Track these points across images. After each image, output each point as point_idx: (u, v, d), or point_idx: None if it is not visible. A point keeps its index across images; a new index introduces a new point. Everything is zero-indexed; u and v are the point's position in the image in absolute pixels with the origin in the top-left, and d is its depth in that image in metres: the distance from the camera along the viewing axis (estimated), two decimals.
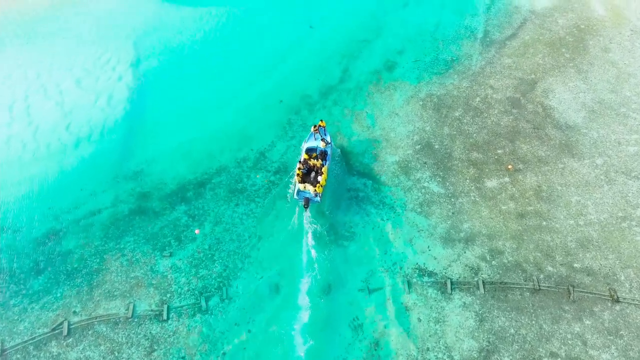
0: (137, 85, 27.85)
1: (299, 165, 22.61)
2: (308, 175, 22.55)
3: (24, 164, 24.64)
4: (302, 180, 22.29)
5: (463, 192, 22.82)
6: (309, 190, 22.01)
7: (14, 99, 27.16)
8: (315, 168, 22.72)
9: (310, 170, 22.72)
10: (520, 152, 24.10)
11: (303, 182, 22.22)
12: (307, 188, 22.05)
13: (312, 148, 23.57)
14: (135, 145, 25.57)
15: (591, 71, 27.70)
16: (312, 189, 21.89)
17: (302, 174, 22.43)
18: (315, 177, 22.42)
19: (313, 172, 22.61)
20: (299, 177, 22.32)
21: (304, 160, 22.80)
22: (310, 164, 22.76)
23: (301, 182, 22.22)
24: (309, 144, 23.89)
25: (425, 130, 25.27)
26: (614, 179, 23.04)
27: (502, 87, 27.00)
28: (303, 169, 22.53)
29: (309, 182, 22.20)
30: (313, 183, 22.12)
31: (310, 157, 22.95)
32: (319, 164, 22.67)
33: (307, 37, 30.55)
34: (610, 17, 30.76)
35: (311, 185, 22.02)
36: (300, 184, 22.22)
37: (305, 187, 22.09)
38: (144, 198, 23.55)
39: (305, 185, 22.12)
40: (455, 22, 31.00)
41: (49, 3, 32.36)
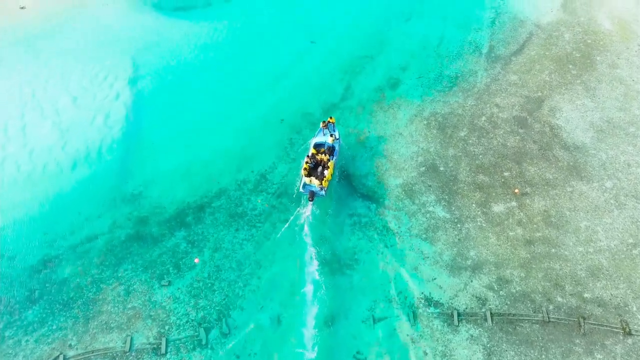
0: (135, 103, 27.24)
1: (307, 160, 23.31)
2: (315, 170, 23.26)
3: (20, 187, 24.01)
4: (308, 174, 22.85)
5: (469, 217, 22.25)
6: (315, 184, 22.58)
7: (9, 118, 26.56)
8: (322, 163, 23.47)
9: (318, 164, 23.44)
10: (528, 175, 23.52)
11: (309, 176, 22.76)
12: (313, 182, 22.65)
13: (321, 143, 24.15)
14: (133, 167, 24.97)
15: (599, 88, 27.12)
16: (318, 182, 22.47)
17: (309, 167, 23.03)
18: (322, 171, 23.14)
19: (320, 167, 23.33)
20: (306, 171, 22.90)
21: (311, 155, 23.56)
22: (317, 159, 23.49)
23: (307, 176, 22.77)
24: (317, 139, 24.46)
25: (429, 151, 24.69)
26: (624, 203, 22.47)
27: (508, 105, 26.42)
28: (310, 163, 23.24)
29: (316, 176, 22.81)
30: (319, 177, 22.72)
31: (318, 152, 23.71)
32: (326, 159, 23.39)
33: (308, 52, 29.94)
34: (618, 31, 30.16)
35: (317, 179, 22.53)
36: (306, 178, 22.80)
37: (312, 181, 22.69)
38: (142, 223, 22.97)
39: (311, 179, 22.71)
40: (459, 37, 30.41)
41: (45, 18, 31.76)
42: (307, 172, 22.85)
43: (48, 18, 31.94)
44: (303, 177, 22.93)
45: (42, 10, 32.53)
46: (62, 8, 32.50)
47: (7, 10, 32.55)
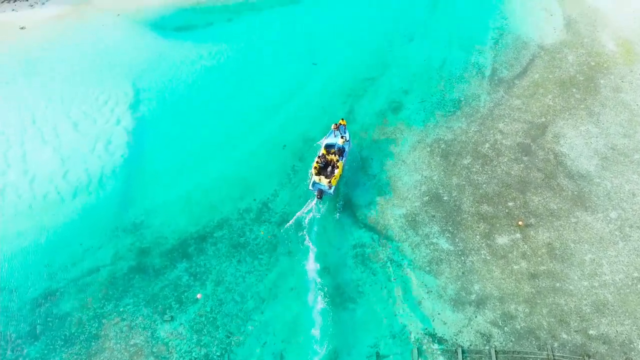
0: (136, 129, 27.10)
1: (317, 159, 24.45)
2: (325, 169, 24.41)
3: (20, 216, 23.87)
4: (318, 173, 23.92)
5: (473, 249, 22.12)
6: (324, 183, 23.56)
7: (10, 145, 26.40)
8: (332, 163, 24.55)
9: (327, 164, 24.58)
10: (532, 205, 23.38)
11: (319, 175, 23.80)
12: (322, 181, 23.67)
13: (331, 144, 25.19)
14: (135, 195, 24.83)
15: (603, 113, 26.95)
16: (327, 181, 23.47)
17: (319, 167, 24.21)
18: (331, 171, 24.27)
19: (330, 167, 24.43)
20: (316, 170, 24.04)
21: (322, 155, 24.60)
22: (327, 159, 24.62)
23: (317, 175, 23.81)
24: (328, 140, 25.44)
25: (433, 179, 24.54)
26: (628, 234, 22.33)
27: (511, 131, 26.26)
28: (320, 163, 24.39)
29: (325, 175, 23.85)
30: (329, 176, 23.79)
31: (329, 153, 24.78)
32: (335, 159, 24.44)
33: (310, 75, 29.80)
34: (621, 53, 29.98)
35: (326, 178, 23.62)
36: (315, 176, 23.84)
37: (321, 180, 23.71)
38: (144, 254, 22.83)
39: (320, 177, 23.72)
40: (462, 59, 30.23)
41: (45, 39, 31.60)
42: (317, 171, 24.04)
43: (48, 39, 31.78)
44: (313, 176, 24.01)
45: (42, 31, 32.37)
46: (62, 28, 32.35)
47: (7, 30, 32.40)
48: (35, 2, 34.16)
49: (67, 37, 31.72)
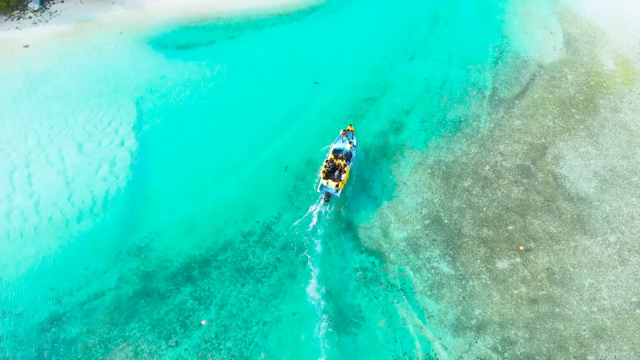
0: (140, 150, 27.36)
1: (325, 164, 25.21)
2: (332, 173, 25.24)
3: (26, 240, 24.16)
4: (326, 177, 24.74)
5: (474, 273, 22.42)
6: (331, 187, 24.46)
7: (14, 167, 26.70)
8: (340, 167, 25.32)
9: (335, 168, 25.36)
10: (532, 229, 23.67)
11: (327, 178, 24.63)
12: (330, 184, 24.51)
13: (339, 149, 26.17)
14: (139, 218, 25.08)
15: (602, 134, 27.23)
16: (334, 185, 24.32)
17: (327, 171, 25.01)
18: (339, 175, 25.07)
19: (337, 171, 25.25)
20: (324, 174, 24.81)
21: (330, 159, 25.43)
22: (335, 163, 25.41)
23: (325, 178, 24.62)
24: (336, 145, 26.40)
25: (434, 202, 24.83)
26: (627, 258, 22.63)
27: (511, 153, 26.54)
28: (328, 166, 25.17)
29: (333, 179, 24.73)
30: (336, 180, 24.61)
31: (336, 157, 25.66)
32: (343, 164, 25.29)
33: (312, 95, 30.02)
34: (621, 72, 30.24)
35: (333, 181, 24.45)
36: (323, 180, 24.64)
37: (328, 183, 24.55)
38: (149, 277, 23.12)
39: (328, 181, 24.54)
40: (463, 78, 30.49)
41: (48, 57, 31.86)
42: (324, 174, 24.84)
43: (52, 57, 32.05)
44: (321, 179, 24.85)
45: (46, 49, 32.64)
46: (66, 47, 32.61)
47: (11, 48, 32.67)
48: (39, 19, 34.41)
49: (71, 55, 31.98)
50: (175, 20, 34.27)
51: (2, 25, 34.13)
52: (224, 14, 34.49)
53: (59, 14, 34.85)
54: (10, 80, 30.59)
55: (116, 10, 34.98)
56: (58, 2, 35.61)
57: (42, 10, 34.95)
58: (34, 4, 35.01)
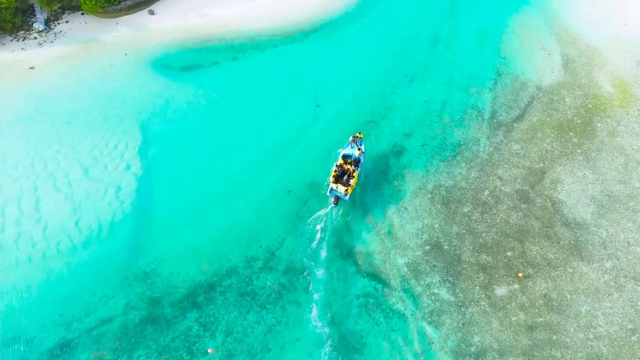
0: (145, 175, 27.80)
1: (335, 168, 26.40)
2: (341, 177, 26.38)
3: (35, 266, 24.66)
4: (335, 181, 25.88)
5: (473, 300, 22.93)
6: (341, 190, 25.58)
7: (22, 192, 27.16)
8: (348, 172, 26.51)
9: (344, 173, 26.52)
10: (530, 255, 24.17)
11: (336, 182, 25.80)
12: (339, 188, 25.68)
13: (348, 155, 27.16)
14: (145, 243, 25.59)
15: (599, 158, 27.69)
16: (344, 189, 25.50)
17: (336, 175, 26.17)
18: (347, 179, 26.20)
19: (346, 175, 26.38)
20: (334, 178, 25.99)
21: (339, 164, 26.53)
22: (344, 168, 26.52)
23: (335, 182, 25.79)
24: (345, 151, 27.42)
25: (434, 227, 25.32)
26: (623, 285, 23.14)
27: (510, 178, 27.01)
28: (338, 171, 26.36)
29: (342, 183, 25.84)
30: (345, 184, 25.73)
31: (346, 162, 26.70)
32: (352, 169, 26.46)
33: (314, 118, 30.44)
34: (618, 95, 30.68)
35: (343, 185, 25.56)
36: (333, 184, 25.84)
37: (338, 187, 25.71)
38: (155, 304, 23.64)
39: (337, 185, 25.71)
40: (462, 101, 30.92)
41: (54, 79, 32.24)
42: (334, 178, 25.99)
43: (58, 79, 32.44)
44: (331, 183, 25.97)
45: (52, 71, 33.04)
46: (71, 69, 33.00)
47: (18, 70, 33.06)
48: (44, 40, 34.82)
49: (77, 78, 32.37)
50: (178, 41, 34.66)
51: (7, 46, 34.58)
52: (227, 35, 34.88)
53: (64, 35, 35.25)
54: (18, 103, 31.00)
55: (120, 30, 35.38)
56: (63, 23, 35.99)
57: (47, 31, 35.36)
58: (39, 25, 35.43)
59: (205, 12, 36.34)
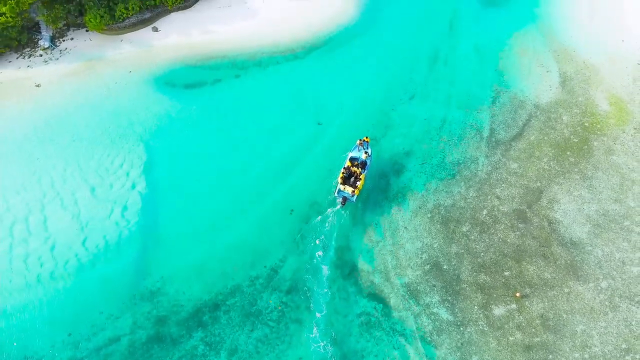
0: (150, 194, 28.37)
1: (343, 170, 27.61)
2: (349, 179, 27.53)
3: (43, 285, 25.23)
4: (343, 182, 27.17)
5: (471, 320, 23.51)
6: (348, 191, 26.82)
7: (30, 210, 27.76)
8: (355, 174, 27.56)
9: (351, 175, 27.61)
10: (527, 275, 24.75)
11: (344, 184, 27.06)
12: (347, 189, 26.91)
13: (355, 158, 28.50)
14: (150, 262, 26.15)
15: (595, 177, 28.25)
16: (351, 190, 26.75)
17: (344, 177, 27.35)
18: (354, 181, 27.30)
19: (353, 177, 27.49)
20: (341, 179, 27.24)
21: (347, 167, 27.74)
22: (352, 170, 27.70)
23: (342, 184, 27.05)
24: (353, 153, 28.72)
25: (433, 247, 25.90)
26: (618, 305, 23.72)
27: (508, 197, 27.58)
28: (345, 173, 27.58)
29: (349, 185, 27.10)
30: (352, 185, 27.00)
31: (353, 165, 28.00)
32: (358, 172, 27.59)
33: (315, 136, 30.99)
34: (614, 113, 31.24)
35: (350, 187, 26.77)
36: (341, 185, 27.09)
37: (345, 188, 26.95)
38: (161, 323, 24.22)
39: (345, 186, 26.95)
40: (461, 119, 31.49)
41: (60, 97, 32.82)
42: (342, 180, 27.24)
43: (63, 97, 33.03)
44: (339, 184, 27.21)
45: (57, 89, 33.63)
46: (77, 87, 33.58)
47: (24, 88, 33.66)
48: (50, 57, 35.38)
49: (82, 96, 32.95)
50: (182, 58, 35.24)
51: (14, 63, 35.14)
52: (230, 52, 35.45)
53: (69, 52, 35.82)
54: (25, 121, 31.60)
55: (124, 48, 35.94)
56: (68, 40, 36.58)
57: (52, 48, 35.92)
58: (45, 42, 35.99)
59: (208, 29, 36.97)
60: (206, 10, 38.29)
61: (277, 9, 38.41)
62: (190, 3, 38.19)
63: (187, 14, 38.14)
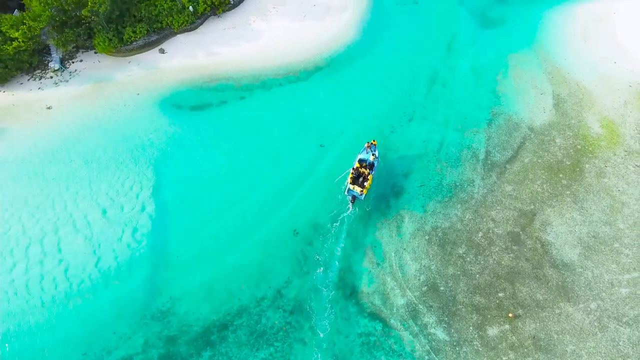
0: (159, 216, 29.56)
1: (352, 171, 29.70)
2: (357, 179, 29.61)
3: (58, 305, 26.46)
4: (352, 182, 29.30)
5: (467, 340, 24.70)
6: (357, 191, 28.97)
7: (44, 233, 28.98)
8: (364, 175, 29.61)
9: (360, 175, 29.73)
10: (520, 296, 25.94)
11: (353, 184, 29.17)
12: (356, 188, 29.06)
13: (363, 159, 30.65)
14: (160, 283, 27.38)
15: (587, 200, 29.41)
16: (359, 189, 28.89)
17: (353, 177, 29.50)
18: (362, 181, 29.39)
19: (361, 178, 29.56)
20: (351, 179, 29.41)
21: (356, 168, 29.88)
22: (360, 171, 29.81)
23: (352, 184, 29.21)
24: (361, 155, 30.92)
25: (430, 269, 27.08)
26: (606, 325, 24.89)
27: (502, 219, 28.75)
28: (354, 173, 29.67)
29: (358, 184, 29.19)
30: (361, 185, 29.14)
31: (361, 166, 29.99)
32: (366, 172, 29.70)
33: (318, 158, 32.15)
34: (606, 135, 32.38)
35: (359, 186, 28.94)
36: (350, 185, 29.27)
37: (354, 188, 29.12)
38: (172, 342, 25.42)
39: (354, 186, 29.11)
40: (458, 141, 32.64)
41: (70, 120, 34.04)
42: (352, 180, 29.39)
43: (74, 119, 34.25)
44: (348, 184, 29.37)
45: (68, 111, 34.86)
46: (86, 109, 34.78)
47: (36, 110, 34.87)
48: (60, 79, 36.55)
49: (92, 118, 34.14)
50: (188, 80, 36.41)
51: (25, 85, 36.34)
52: (234, 74, 36.62)
53: (79, 74, 37.00)
54: (38, 143, 32.81)
55: (132, 70, 37.10)
56: (77, 61, 37.76)
57: (62, 70, 37.10)
58: (55, 64, 37.16)
59: (213, 51, 38.14)
60: (211, 32, 39.49)
61: (280, 30, 39.57)
62: (195, 25, 39.36)
63: (193, 36, 39.33)
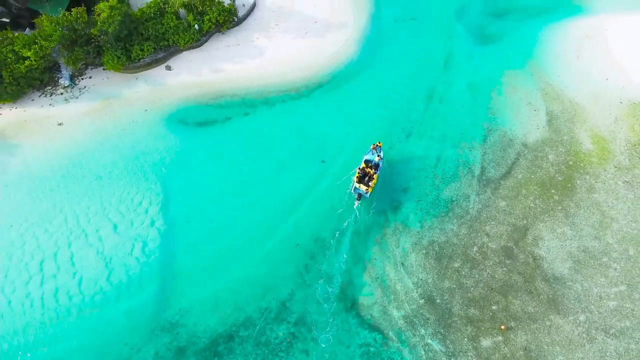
0: (167, 230, 30.83)
1: (358, 170, 31.89)
2: (363, 178, 31.80)
3: (72, 318, 27.74)
4: (358, 181, 31.38)
5: (462, 351, 25.98)
6: (363, 189, 31.11)
7: (58, 246, 30.26)
8: (369, 174, 31.77)
9: (365, 175, 31.88)
10: (512, 308, 27.21)
11: (359, 183, 31.30)
12: (361, 187, 31.24)
13: (369, 160, 32.86)
14: (169, 295, 28.66)
15: (577, 215, 30.67)
16: (365, 188, 31.11)
17: (359, 176, 31.65)
18: (368, 180, 31.58)
19: (367, 177, 31.73)
20: (357, 178, 31.57)
21: (362, 168, 32.01)
22: (366, 171, 31.93)
23: (358, 182, 31.31)
24: (367, 156, 33.15)
25: (427, 282, 28.35)
26: (594, 337, 26.17)
27: (496, 234, 30.01)
28: (360, 173, 31.85)
29: (364, 183, 31.38)
30: (366, 184, 31.31)
31: (367, 166, 32.09)
32: (372, 172, 31.91)
33: (319, 173, 33.41)
34: (597, 152, 33.62)
35: (364, 185, 31.12)
36: (357, 183, 31.42)
37: (360, 186, 31.27)
38: (181, 353, 26.70)
39: (360, 185, 31.30)
40: (455, 157, 33.89)
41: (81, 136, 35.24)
42: (358, 179, 31.45)
43: (84, 136, 35.44)
44: (355, 182, 31.53)
45: (78, 127, 36.07)
46: (97, 125, 35.96)
47: (47, 127, 36.09)
48: (70, 96, 37.78)
49: (102, 134, 35.38)
50: (194, 96, 37.65)
51: (36, 102, 37.59)
52: (239, 91, 37.86)
53: (88, 90, 38.24)
54: (51, 159, 34.07)
55: (140, 86, 38.32)
56: (86, 78, 38.99)
57: (72, 87, 38.34)
58: (65, 81, 38.40)
59: (218, 68, 39.37)
60: (215, 49, 40.74)
61: (282, 47, 40.80)
62: (201, 42, 40.59)
63: (198, 52, 40.56)
